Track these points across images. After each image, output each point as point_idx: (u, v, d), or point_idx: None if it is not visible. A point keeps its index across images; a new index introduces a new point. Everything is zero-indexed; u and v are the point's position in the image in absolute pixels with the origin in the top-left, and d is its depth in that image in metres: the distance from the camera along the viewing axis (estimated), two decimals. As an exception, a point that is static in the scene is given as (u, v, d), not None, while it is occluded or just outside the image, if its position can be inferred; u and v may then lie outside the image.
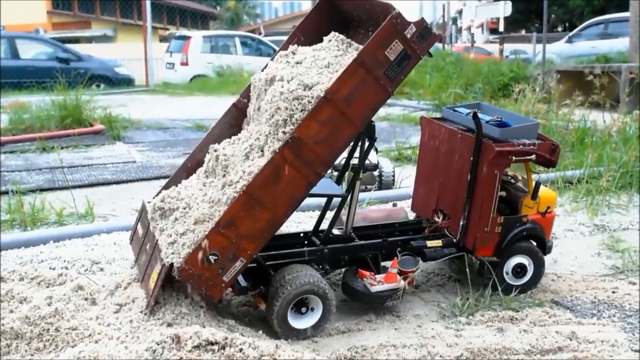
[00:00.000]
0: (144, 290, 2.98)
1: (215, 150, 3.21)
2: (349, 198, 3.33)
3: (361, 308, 3.32)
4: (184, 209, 3.06)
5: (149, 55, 18.26)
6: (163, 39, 30.40)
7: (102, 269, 3.87)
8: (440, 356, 2.82)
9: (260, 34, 28.68)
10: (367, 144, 3.22)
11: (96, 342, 2.67)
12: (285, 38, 3.45)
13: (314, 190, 2.93)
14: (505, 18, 20.51)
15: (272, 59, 3.34)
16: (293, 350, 2.61)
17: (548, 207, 3.59)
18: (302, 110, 2.83)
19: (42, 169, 6.80)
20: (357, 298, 3.27)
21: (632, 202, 5.38)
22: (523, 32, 36.80)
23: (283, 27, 44.04)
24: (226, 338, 2.48)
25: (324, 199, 3.69)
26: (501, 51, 19.30)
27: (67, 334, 2.75)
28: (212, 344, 2.46)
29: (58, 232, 4.52)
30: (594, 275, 3.84)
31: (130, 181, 6.38)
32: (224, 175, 3.04)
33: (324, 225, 3.47)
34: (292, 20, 47.42)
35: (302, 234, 3.57)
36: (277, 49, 3.39)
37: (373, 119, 3.04)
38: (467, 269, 3.53)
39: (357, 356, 2.81)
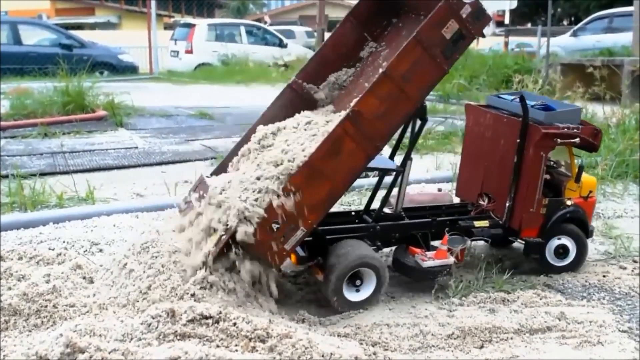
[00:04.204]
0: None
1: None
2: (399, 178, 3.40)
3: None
4: (242, 182, 3.09)
5: (153, 42, 18.26)
6: (168, 27, 30.35)
7: (101, 250, 3.91)
8: (432, 334, 2.87)
9: (265, 23, 28.61)
10: (418, 124, 3.31)
11: (94, 317, 2.71)
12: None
13: (370, 164, 3.04)
14: (513, 11, 20.40)
15: None
16: (286, 325, 2.65)
17: (590, 192, 3.67)
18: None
19: (44, 154, 6.83)
20: (409, 273, 3.35)
21: (627, 191, 5.41)
22: (529, 26, 36.64)
23: (289, 16, 43.83)
24: (220, 312, 2.51)
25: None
26: (506, 44, 19.25)
27: (64, 310, 2.80)
28: (207, 318, 2.49)
29: (58, 213, 4.55)
30: (587, 260, 3.86)
31: (132, 166, 6.42)
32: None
33: (374, 205, 3.54)
34: (298, 10, 47.20)
35: (353, 213, 3.64)
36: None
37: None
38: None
39: (351, 334, 2.85)
